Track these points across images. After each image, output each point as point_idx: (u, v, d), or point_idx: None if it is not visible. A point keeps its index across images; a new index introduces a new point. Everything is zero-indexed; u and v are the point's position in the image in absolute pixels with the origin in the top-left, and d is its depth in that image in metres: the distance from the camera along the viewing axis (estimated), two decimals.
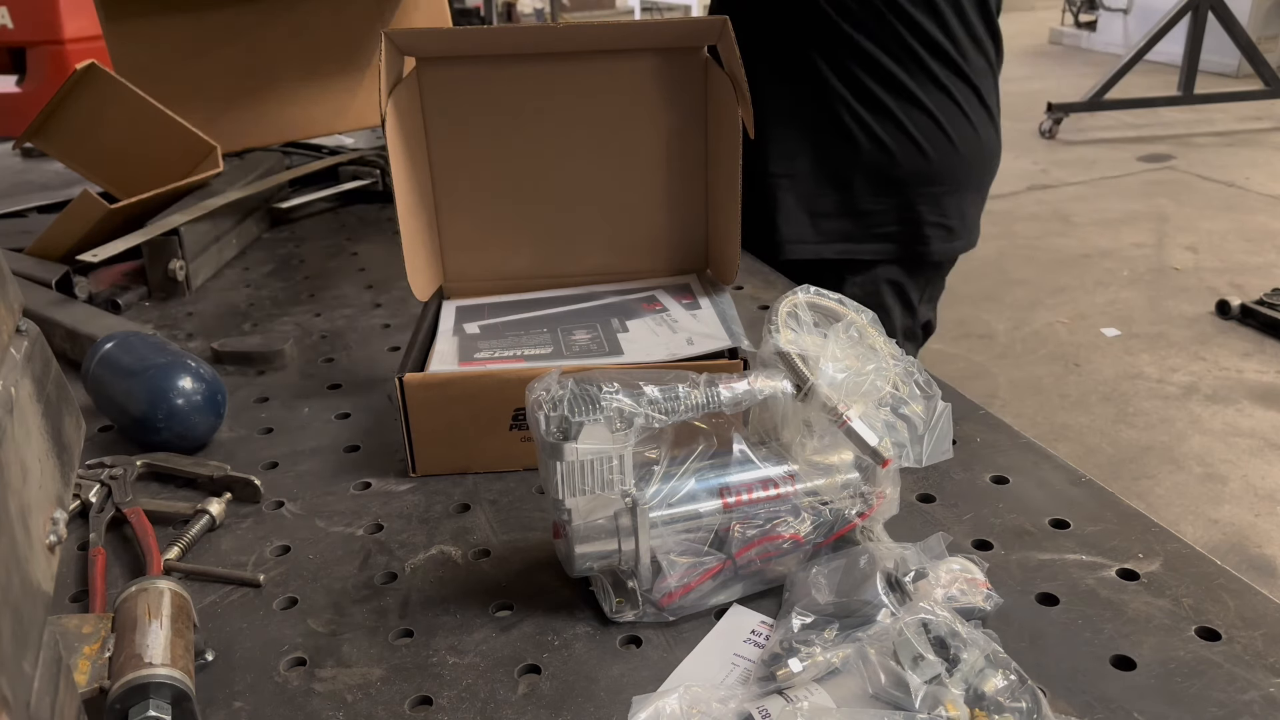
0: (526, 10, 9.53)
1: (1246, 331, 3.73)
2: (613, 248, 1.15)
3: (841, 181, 1.49)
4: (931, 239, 1.53)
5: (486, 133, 1.09)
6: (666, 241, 1.15)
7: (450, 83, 1.07)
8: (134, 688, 0.62)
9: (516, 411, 0.91)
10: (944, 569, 0.71)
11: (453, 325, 1.05)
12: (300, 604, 0.78)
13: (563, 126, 1.10)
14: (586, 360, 0.94)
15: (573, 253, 1.15)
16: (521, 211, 1.13)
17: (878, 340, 0.76)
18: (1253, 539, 2.61)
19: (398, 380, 0.89)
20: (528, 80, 1.07)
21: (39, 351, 0.61)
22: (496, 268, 1.14)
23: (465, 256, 1.14)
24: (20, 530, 0.49)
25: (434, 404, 0.90)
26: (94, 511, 0.88)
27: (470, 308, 1.10)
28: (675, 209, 1.14)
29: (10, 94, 3.45)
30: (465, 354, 0.97)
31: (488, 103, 1.08)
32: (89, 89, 1.53)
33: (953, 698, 0.58)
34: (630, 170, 1.12)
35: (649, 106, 1.09)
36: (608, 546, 0.72)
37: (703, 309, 1.06)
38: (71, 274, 1.33)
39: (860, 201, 1.50)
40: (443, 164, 1.10)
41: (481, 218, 1.13)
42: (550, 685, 0.69)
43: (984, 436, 0.97)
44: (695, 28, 1.05)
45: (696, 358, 0.94)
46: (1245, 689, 0.66)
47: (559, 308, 1.08)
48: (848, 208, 1.50)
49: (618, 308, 1.08)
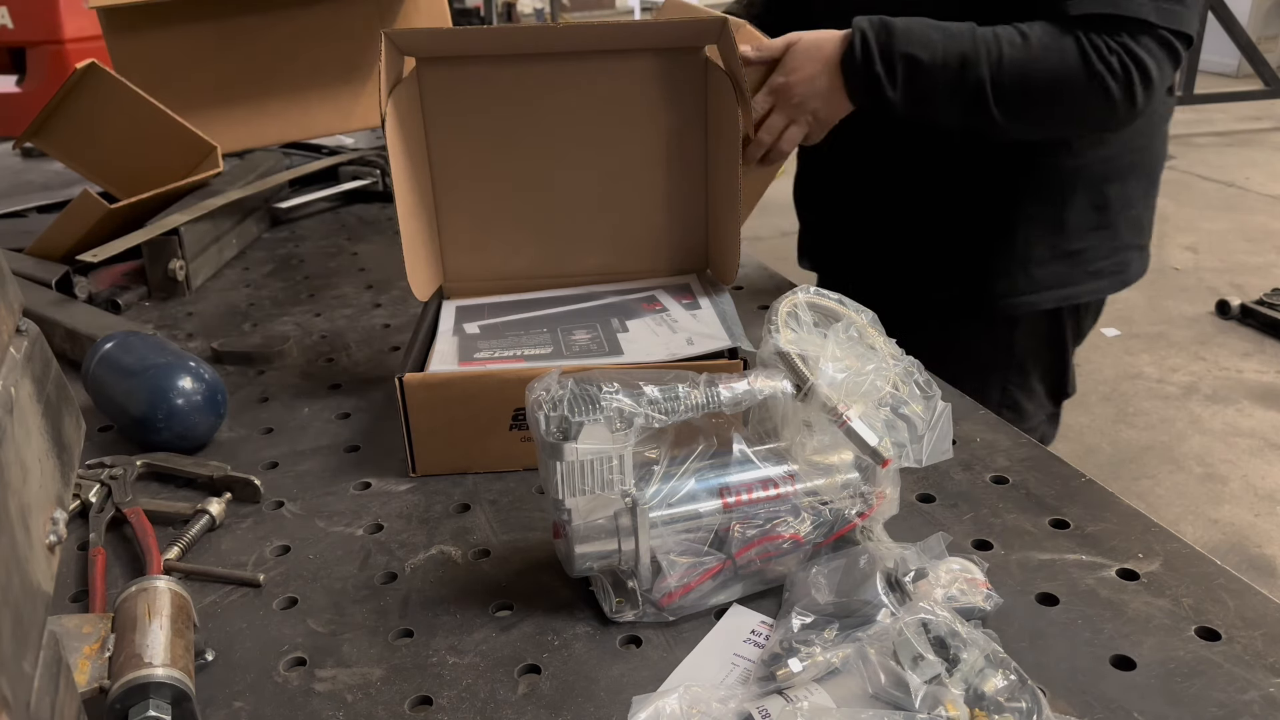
0: (526, 10, 9.53)
1: (1246, 331, 3.73)
2: (613, 248, 1.15)
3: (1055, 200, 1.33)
4: (1132, 263, 1.41)
5: (486, 133, 1.09)
6: (666, 242, 1.15)
7: (450, 83, 1.07)
8: (134, 688, 0.62)
9: (516, 411, 0.91)
10: (944, 569, 0.71)
11: (453, 325, 1.05)
12: (300, 604, 0.78)
13: (563, 127, 1.10)
14: (586, 360, 0.94)
15: (573, 253, 1.15)
16: (521, 211, 1.13)
17: (878, 340, 0.76)
18: (1253, 539, 2.61)
19: (398, 380, 0.89)
20: (528, 80, 1.07)
21: (39, 351, 0.61)
22: (496, 268, 1.14)
23: (465, 256, 1.14)
24: (20, 530, 0.49)
25: (434, 404, 0.90)
26: (94, 511, 0.88)
27: (470, 308, 1.09)
28: (675, 209, 1.14)
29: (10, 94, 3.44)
30: (465, 354, 0.97)
31: (488, 103, 1.08)
32: (89, 89, 1.53)
33: (953, 698, 0.58)
34: (630, 170, 1.12)
35: (649, 107, 1.09)
36: (608, 546, 0.72)
37: (703, 309, 1.06)
38: (71, 274, 1.33)
39: (1075, 229, 1.34)
40: (443, 164, 1.10)
41: (481, 217, 1.13)
42: (550, 685, 0.69)
43: (984, 436, 0.97)
44: (695, 28, 1.05)
45: (696, 358, 0.94)
46: (1245, 689, 0.66)
47: (559, 308, 1.08)
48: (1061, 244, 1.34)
49: (618, 308, 1.08)
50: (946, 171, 1.33)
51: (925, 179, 1.36)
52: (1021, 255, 1.33)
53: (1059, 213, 1.32)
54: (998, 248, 1.34)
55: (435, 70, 1.06)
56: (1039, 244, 1.33)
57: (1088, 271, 1.36)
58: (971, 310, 1.38)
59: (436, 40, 1.08)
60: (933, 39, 1.16)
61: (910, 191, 1.37)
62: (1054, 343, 1.43)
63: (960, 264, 1.37)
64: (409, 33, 1.01)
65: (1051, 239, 1.33)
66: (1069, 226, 1.33)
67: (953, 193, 1.34)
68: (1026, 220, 1.32)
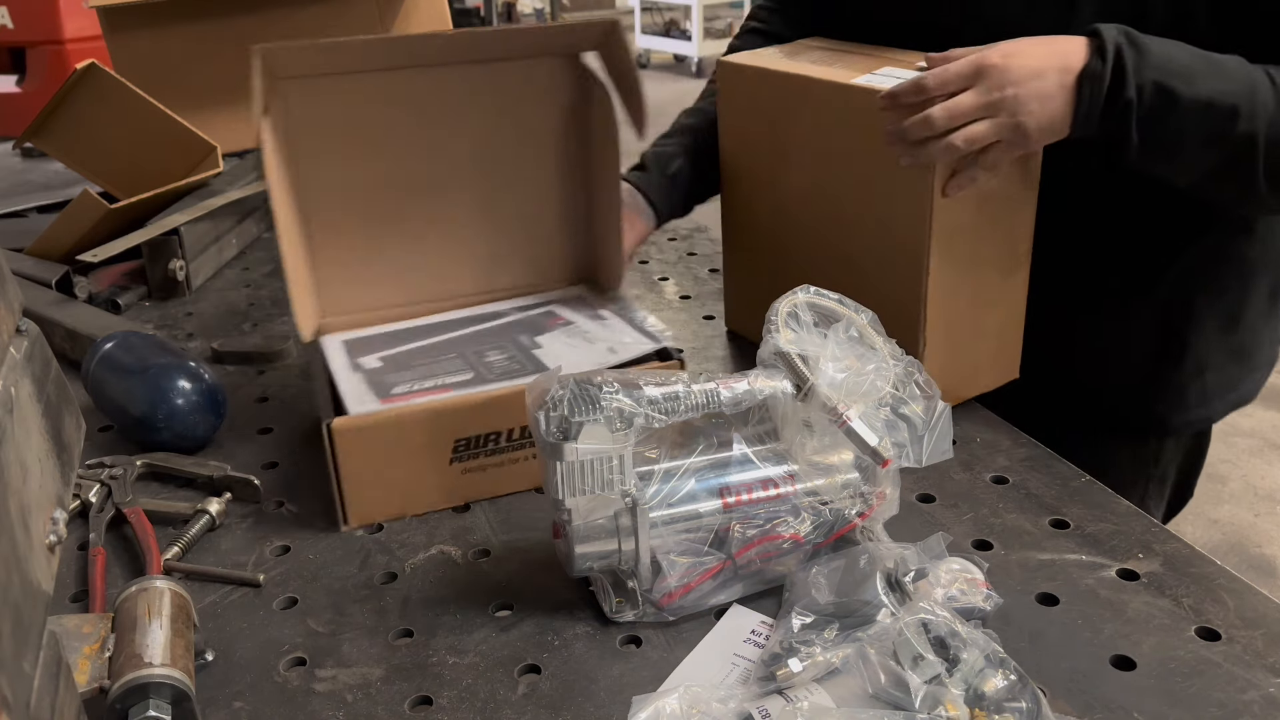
0: (526, 10, 9.52)
1: None
2: (496, 265, 1.09)
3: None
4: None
5: (357, 152, 1.01)
6: (549, 254, 1.10)
7: (316, 99, 0.97)
8: (134, 688, 0.62)
9: (458, 443, 0.86)
10: (944, 569, 0.71)
11: (347, 362, 0.95)
12: (300, 604, 0.78)
13: (435, 142, 1.03)
14: (518, 380, 0.89)
15: (455, 273, 1.08)
16: (396, 234, 1.05)
17: (877, 340, 0.76)
18: (1253, 539, 2.61)
19: (325, 427, 0.82)
20: (400, 93, 1.00)
21: (39, 351, 0.61)
22: (376, 296, 1.05)
23: (342, 287, 1.04)
24: (20, 530, 0.49)
25: (367, 448, 0.84)
26: (94, 511, 0.88)
27: (358, 341, 1.00)
28: (557, 220, 1.09)
29: (10, 94, 3.44)
30: (380, 391, 0.89)
31: (358, 120, 1.00)
32: (89, 89, 1.53)
33: (953, 698, 0.58)
34: (508, 183, 1.06)
35: (521, 116, 1.04)
36: (608, 546, 0.72)
37: (608, 318, 1.03)
38: (71, 274, 1.33)
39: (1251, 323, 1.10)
40: (313, 189, 1.00)
41: (357, 244, 1.04)
42: (550, 685, 0.69)
43: (984, 436, 0.97)
44: (567, 34, 1.00)
45: (625, 364, 0.92)
46: (1245, 689, 0.66)
47: (456, 332, 1.02)
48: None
49: (521, 325, 1.03)
50: (1116, 254, 1.06)
51: (1083, 267, 1.07)
52: (1197, 363, 1.08)
53: (1235, 307, 1.07)
54: (1170, 356, 1.08)
55: (300, 86, 0.96)
56: (1215, 347, 1.08)
57: (1255, 368, 1.13)
58: (1122, 424, 1.13)
59: (309, 56, 0.97)
60: (1194, 69, 0.86)
61: (1066, 282, 1.06)
62: (1196, 454, 1.20)
63: (1124, 373, 1.10)
64: (282, 49, 0.90)
65: (1226, 340, 1.08)
66: (1243, 321, 1.08)
67: (1126, 284, 1.06)
68: (1200, 317, 1.06)
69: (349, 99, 0.99)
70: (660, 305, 1.30)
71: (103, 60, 1.53)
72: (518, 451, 0.89)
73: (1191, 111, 0.85)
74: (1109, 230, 1.04)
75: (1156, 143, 0.87)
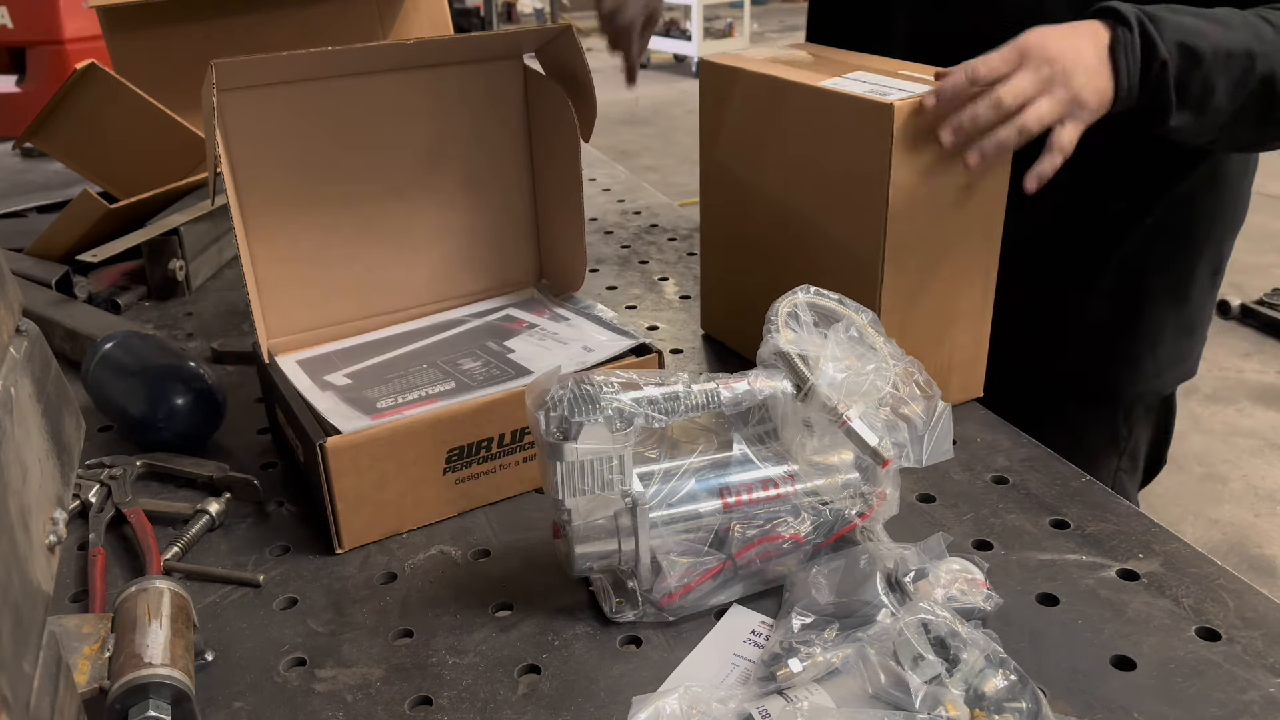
0: (526, 10, 9.53)
1: (1246, 331, 3.73)
2: (444, 272, 1.07)
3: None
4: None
5: (298, 164, 0.97)
6: (504, 259, 1.10)
7: (254, 109, 0.93)
8: (134, 688, 0.62)
9: (450, 453, 0.86)
10: (944, 569, 0.71)
11: (311, 381, 0.92)
12: (300, 604, 0.78)
13: (378, 150, 1.01)
14: (504, 386, 0.89)
15: (404, 283, 1.05)
16: (345, 247, 1.02)
17: (878, 340, 0.76)
18: (1253, 539, 2.61)
19: (319, 447, 0.80)
20: (339, 101, 0.97)
21: (39, 351, 0.61)
22: (325, 313, 1.02)
23: (289, 306, 1.00)
24: (20, 530, 0.49)
25: (361, 466, 0.82)
26: (94, 511, 0.88)
27: (313, 360, 0.97)
28: (513, 223, 1.09)
29: (10, 94, 3.45)
30: (364, 407, 0.87)
31: (297, 132, 0.96)
32: (89, 89, 1.53)
33: (953, 698, 0.58)
34: (462, 189, 1.05)
35: (473, 121, 1.04)
36: (608, 546, 0.72)
37: (570, 318, 1.02)
38: (71, 274, 1.33)
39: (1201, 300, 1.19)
40: (255, 203, 0.96)
41: (301, 260, 1.00)
42: (550, 685, 0.69)
43: (984, 436, 0.97)
44: (520, 39, 1.00)
45: (603, 363, 0.92)
46: (1245, 689, 0.66)
47: (418, 343, 1.00)
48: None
49: (485, 331, 1.02)
50: (1073, 233, 1.13)
51: (1046, 244, 1.13)
52: (1151, 335, 1.16)
53: (1183, 285, 1.16)
54: (1126, 328, 1.16)
55: (237, 97, 0.92)
56: (1166, 320, 1.16)
57: (1198, 340, 1.21)
58: (1087, 396, 1.21)
59: (258, 67, 0.92)
60: (1202, 27, 0.91)
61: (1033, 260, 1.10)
62: (1164, 425, 1.29)
63: (1083, 345, 1.18)
64: (242, 63, 0.86)
65: (1175, 313, 1.16)
66: (1191, 298, 1.16)
67: (1083, 261, 1.14)
68: (1154, 293, 1.15)
69: (292, 109, 0.95)
70: (660, 305, 1.30)
71: (103, 60, 1.53)
72: (508, 457, 0.89)
73: (1215, 63, 0.90)
74: (1066, 213, 1.10)
75: (1192, 100, 0.91)
